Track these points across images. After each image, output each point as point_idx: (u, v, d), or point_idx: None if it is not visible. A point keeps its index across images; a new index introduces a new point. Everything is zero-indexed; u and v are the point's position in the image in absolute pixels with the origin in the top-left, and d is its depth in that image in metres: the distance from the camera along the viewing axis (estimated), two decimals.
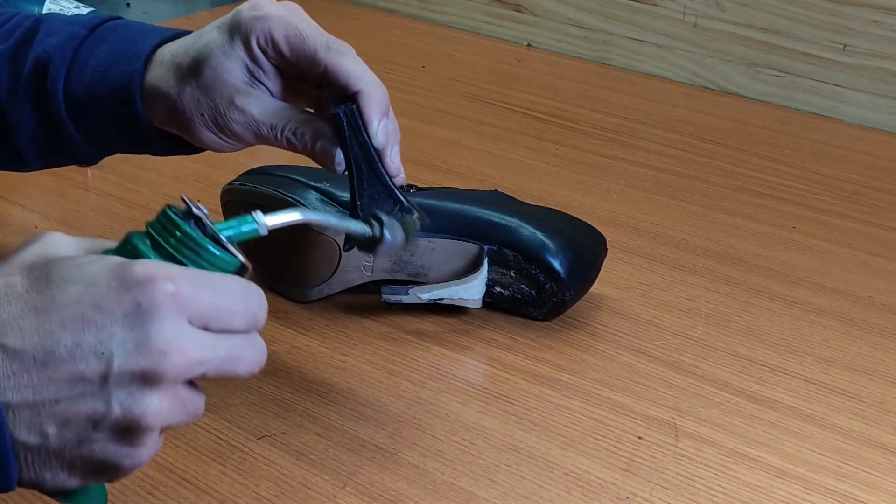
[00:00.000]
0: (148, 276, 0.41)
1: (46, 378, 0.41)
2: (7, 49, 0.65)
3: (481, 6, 1.49)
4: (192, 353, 0.42)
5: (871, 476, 0.65)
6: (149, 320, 0.41)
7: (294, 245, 0.78)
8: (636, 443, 0.67)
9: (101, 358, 0.41)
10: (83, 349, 0.41)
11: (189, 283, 0.42)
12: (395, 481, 0.62)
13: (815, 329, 0.81)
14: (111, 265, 0.42)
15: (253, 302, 0.45)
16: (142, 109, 0.63)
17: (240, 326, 0.45)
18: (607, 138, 1.16)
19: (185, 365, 0.42)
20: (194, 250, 0.45)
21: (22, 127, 0.66)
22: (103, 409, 0.42)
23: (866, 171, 1.12)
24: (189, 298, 0.42)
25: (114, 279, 0.41)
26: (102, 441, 0.42)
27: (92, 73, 0.63)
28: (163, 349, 0.41)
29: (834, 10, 1.23)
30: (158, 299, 0.41)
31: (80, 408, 0.41)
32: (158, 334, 0.41)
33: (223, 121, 0.61)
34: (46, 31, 0.65)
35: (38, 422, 0.41)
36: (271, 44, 0.60)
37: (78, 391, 0.41)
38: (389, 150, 0.62)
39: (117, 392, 0.41)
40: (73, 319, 0.41)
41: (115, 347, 0.41)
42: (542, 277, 0.76)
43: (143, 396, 0.42)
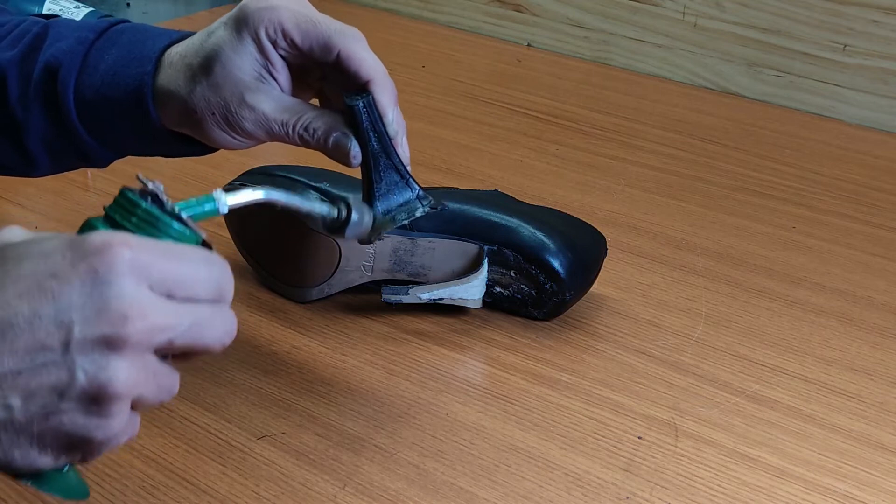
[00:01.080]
0: (104, 242, 0.41)
1: (7, 350, 0.40)
2: (17, 55, 0.65)
3: (481, 6, 1.49)
4: (154, 317, 0.42)
5: (871, 476, 0.65)
6: (107, 285, 0.41)
7: (294, 245, 0.78)
8: (636, 443, 0.67)
9: (60, 326, 0.40)
10: (42, 318, 0.40)
11: (148, 249, 0.42)
12: (395, 481, 0.62)
13: (815, 329, 0.81)
14: (66, 237, 0.42)
15: (217, 271, 0.45)
16: (154, 111, 0.62)
17: (205, 295, 0.44)
18: (607, 138, 1.16)
19: (148, 330, 0.41)
20: (155, 226, 0.44)
21: (33, 131, 0.65)
22: (67, 377, 0.41)
23: (866, 171, 1.12)
24: (148, 264, 0.42)
25: (69, 249, 0.41)
26: (70, 412, 0.42)
27: (102, 77, 0.63)
28: (123, 313, 0.41)
29: (834, 10, 1.23)
30: (116, 264, 0.41)
31: (43, 378, 0.41)
32: (118, 298, 0.41)
33: (234, 119, 0.60)
34: (55, 36, 0.65)
35: (1, 395, 0.41)
36: (281, 33, 0.60)
37: (40, 360, 0.41)
38: (399, 139, 0.62)
39: (81, 359, 0.41)
40: (30, 290, 0.40)
41: (75, 314, 0.40)
42: (542, 277, 0.76)
43: (108, 363, 0.41)
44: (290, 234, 0.78)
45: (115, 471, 0.61)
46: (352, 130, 0.60)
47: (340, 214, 0.57)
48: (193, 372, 0.71)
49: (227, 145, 0.63)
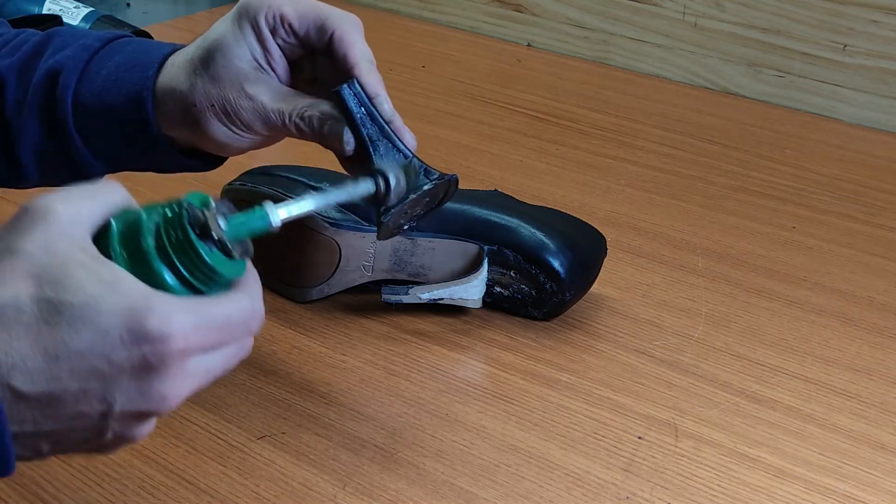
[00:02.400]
0: (162, 333, 0.42)
1: (50, 416, 0.42)
2: (16, 62, 0.65)
3: (481, 6, 1.49)
4: (190, 388, 0.44)
5: (871, 476, 0.65)
6: (155, 376, 0.42)
7: (294, 245, 0.78)
8: (636, 443, 0.67)
9: (103, 402, 0.42)
10: (88, 395, 0.42)
11: (198, 329, 0.43)
12: (395, 481, 0.62)
13: (815, 329, 0.81)
14: (125, 311, 0.41)
15: (253, 322, 0.46)
16: (152, 115, 0.63)
17: (237, 341, 0.46)
18: (607, 138, 1.16)
19: (182, 400, 0.44)
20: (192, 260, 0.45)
21: (26, 139, 0.65)
22: (97, 435, 0.44)
23: (866, 171, 1.12)
24: (196, 344, 0.43)
25: (127, 332, 0.41)
26: (88, 447, 0.45)
27: (103, 82, 0.63)
28: (164, 395, 0.43)
29: (834, 10, 1.23)
30: (168, 356, 0.42)
31: (76, 435, 0.43)
32: (162, 385, 0.43)
33: (233, 109, 0.61)
34: (59, 44, 0.66)
35: (34, 444, 0.43)
36: (280, 18, 0.61)
37: (77, 425, 0.43)
38: (399, 123, 0.61)
39: (114, 425, 0.43)
40: (83, 370, 0.41)
41: (118, 395, 0.42)
42: (542, 277, 0.76)
43: (136, 427, 0.44)
44: (290, 234, 0.78)
45: (115, 471, 0.61)
46: (344, 117, 0.60)
47: (380, 185, 0.57)
48: None
49: (226, 139, 0.63)
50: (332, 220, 0.76)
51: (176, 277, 0.44)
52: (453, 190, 0.64)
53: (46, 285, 0.41)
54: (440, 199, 0.64)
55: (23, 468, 0.61)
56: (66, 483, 0.60)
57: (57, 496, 0.59)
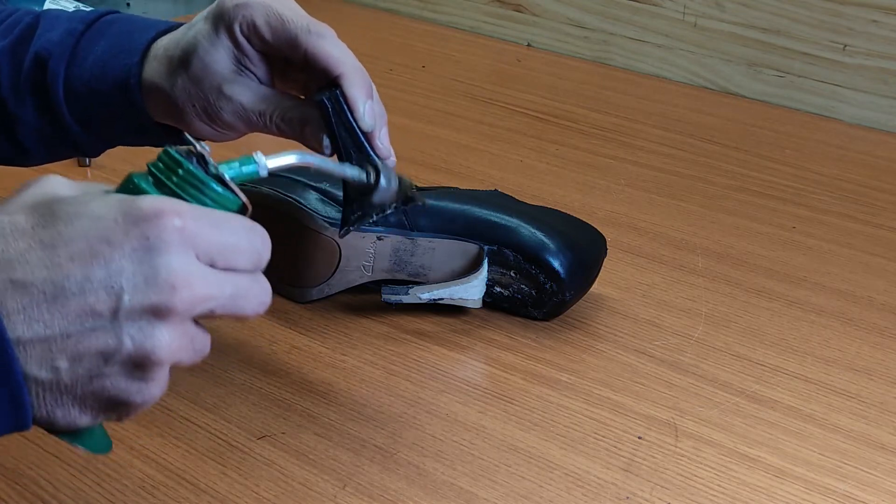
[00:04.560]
0: (156, 210, 0.41)
1: (57, 312, 0.41)
2: (7, 45, 0.66)
3: (481, 6, 1.49)
4: (200, 287, 0.42)
5: (871, 476, 0.65)
6: (157, 254, 0.41)
7: (294, 245, 0.78)
8: (636, 443, 0.67)
9: (111, 292, 0.41)
10: (93, 283, 0.41)
11: (196, 218, 0.42)
12: (395, 481, 0.62)
13: (815, 329, 0.81)
14: (118, 200, 0.42)
15: (257, 241, 0.46)
16: (141, 103, 0.63)
17: (245, 265, 0.45)
18: (607, 138, 1.16)
19: (194, 299, 0.42)
20: (198, 188, 0.45)
21: (25, 121, 0.66)
22: (115, 343, 0.42)
23: (866, 171, 1.12)
24: (196, 233, 0.42)
25: (121, 214, 0.41)
26: (114, 376, 0.43)
27: (91, 69, 0.64)
28: (172, 283, 0.41)
29: (834, 10, 1.23)
30: (166, 233, 0.41)
31: (91, 342, 0.42)
32: (168, 268, 0.41)
33: (213, 110, 0.61)
34: (46, 26, 0.66)
35: (49, 357, 0.41)
36: (253, 29, 0.60)
37: (89, 325, 0.41)
38: (378, 132, 0.61)
39: (128, 326, 0.42)
40: (82, 253, 0.41)
41: (125, 282, 0.41)
42: (542, 277, 0.76)
43: (153, 331, 0.42)
44: (290, 234, 0.78)
45: (116, 471, 0.61)
46: (323, 123, 0.60)
47: (370, 178, 0.58)
48: (193, 372, 0.71)
49: (211, 137, 0.64)
50: (332, 220, 0.76)
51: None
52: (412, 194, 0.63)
53: (41, 204, 0.42)
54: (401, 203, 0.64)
55: (22, 468, 0.61)
56: (66, 483, 0.60)
57: (57, 496, 0.59)
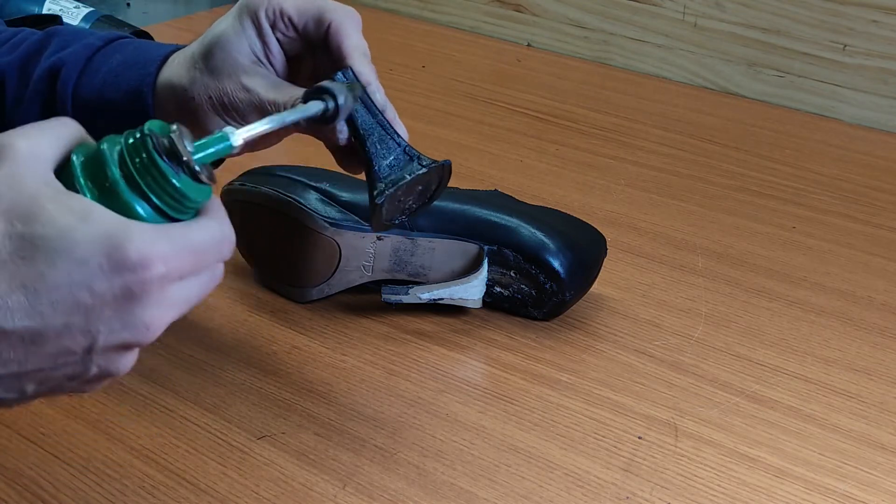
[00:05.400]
0: (142, 259, 0.41)
1: (33, 354, 0.42)
2: (16, 59, 0.66)
3: (481, 6, 1.49)
4: (171, 316, 0.44)
5: (871, 476, 0.65)
6: (138, 303, 0.42)
7: (294, 245, 0.78)
8: (636, 443, 0.67)
9: (87, 335, 0.42)
10: (71, 329, 0.42)
11: (176, 254, 0.43)
12: (395, 481, 0.62)
13: (815, 329, 0.81)
14: (101, 239, 0.41)
15: (225, 246, 0.46)
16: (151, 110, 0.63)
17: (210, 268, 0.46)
18: (607, 138, 1.16)
19: (163, 329, 0.44)
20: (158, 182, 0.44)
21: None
22: (81, 371, 0.43)
23: (866, 171, 1.12)
24: (175, 269, 0.43)
25: (105, 260, 0.41)
26: (73, 388, 0.45)
27: (104, 78, 0.64)
28: (147, 324, 0.42)
29: (834, 10, 1.23)
30: (149, 283, 0.42)
31: (60, 372, 0.43)
32: (144, 313, 0.42)
33: (230, 101, 0.62)
34: (61, 43, 0.66)
35: (18, 384, 0.43)
36: (280, 12, 0.61)
37: (61, 362, 0.42)
38: (392, 115, 0.62)
39: (98, 359, 0.43)
40: (64, 301, 0.41)
41: (102, 326, 0.42)
42: (542, 277, 0.76)
43: (119, 359, 0.44)
44: (290, 234, 0.78)
45: (115, 471, 0.61)
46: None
47: (328, 104, 0.56)
48: (193, 372, 0.71)
49: None
50: (332, 220, 0.76)
51: (146, 204, 0.44)
52: (447, 178, 0.64)
53: (17, 221, 0.41)
54: (434, 189, 0.64)
55: (22, 468, 0.61)
56: (66, 483, 0.60)
57: (57, 496, 0.59)
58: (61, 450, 0.63)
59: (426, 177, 0.61)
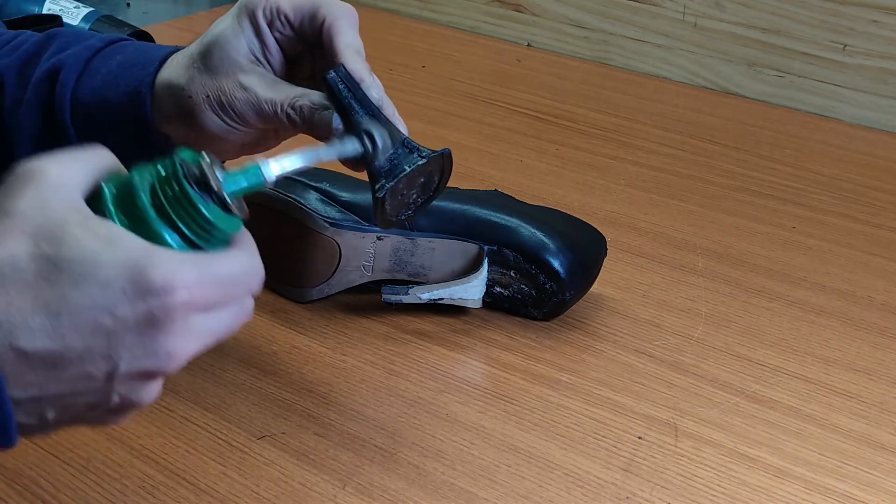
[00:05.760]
0: (165, 284, 0.41)
1: (54, 378, 0.41)
2: (15, 61, 0.66)
3: (481, 6, 1.49)
4: (196, 346, 0.43)
5: (871, 476, 0.65)
6: (161, 330, 0.42)
7: (294, 245, 0.78)
8: (636, 443, 0.67)
9: (108, 361, 0.42)
10: (93, 354, 0.41)
11: (201, 282, 0.42)
12: (395, 481, 0.62)
13: (815, 329, 0.81)
14: (126, 263, 0.41)
15: (254, 279, 0.46)
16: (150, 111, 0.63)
17: (238, 300, 0.45)
18: (607, 138, 1.16)
19: (187, 359, 0.43)
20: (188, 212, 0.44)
21: (23, 137, 0.66)
22: (102, 399, 0.43)
23: (866, 171, 1.12)
24: (200, 298, 0.42)
25: (129, 283, 0.41)
26: (94, 418, 0.44)
27: (103, 79, 0.64)
28: (169, 353, 0.42)
29: (834, 10, 1.23)
30: (172, 310, 0.41)
31: (81, 399, 0.43)
32: (167, 340, 0.42)
33: (227, 100, 0.62)
34: (61, 45, 0.66)
35: (39, 410, 0.42)
36: (276, 11, 0.62)
37: (82, 387, 0.42)
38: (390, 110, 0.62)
39: (119, 387, 0.43)
40: (86, 325, 0.41)
41: (124, 352, 0.42)
42: (542, 277, 0.76)
43: (142, 388, 0.43)
44: (290, 234, 0.78)
45: (115, 471, 0.61)
46: (333, 105, 0.60)
47: (365, 142, 0.57)
48: (193, 372, 0.71)
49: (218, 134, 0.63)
50: (332, 220, 0.76)
51: (175, 233, 0.44)
52: (449, 169, 0.64)
53: (43, 242, 0.41)
54: (437, 181, 0.64)
55: (22, 468, 0.61)
56: (66, 483, 0.60)
57: (57, 496, 0.59)
58: (61, 450, 0.63)
59: (427, 167, 0.61)
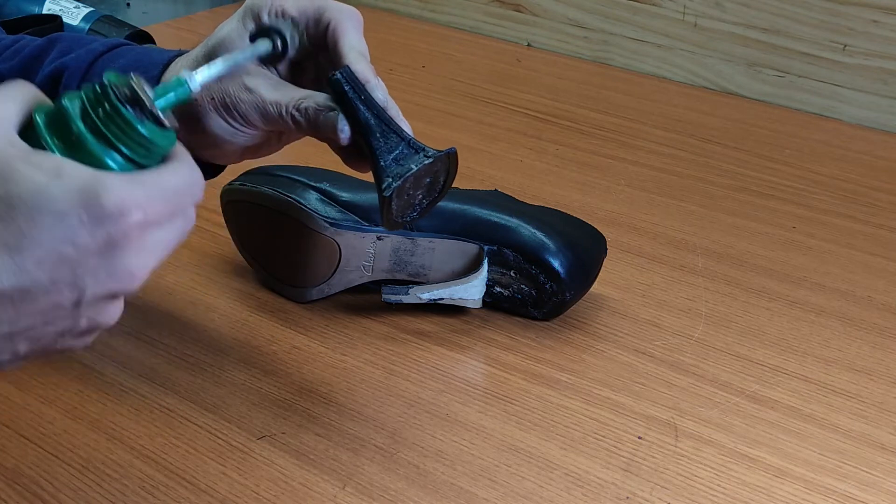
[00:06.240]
0: (119, 207, 0.42)
1: (23, 312, 0.42)
2: (17, 65, 0.66)
3: (481, 6, 1.49)
4: (153, 262, 0.44)
5: (871, 476, 0.65)
6: (120, 252, 0.42)
7: (294, 245, 0.78)
8: (636, 443, 0.67)
9: (74, 289, 0.42)
10: (59, 284, 0.42)
11: (151, 200, 0.43)
12: (395, 481, 0.62)
13: (815, 329, 0.81)
14: (78, 192, 0.41)
15: (196, 189, 0.47)
16: None
17: (184, 211, 0.46)
18: (607, 138, 1.16)
19: (147, 275, 0.44)
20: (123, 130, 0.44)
21: None
22: (71, 324, 0.44)
23: (866, 171, 1.12)
24: (152, 215, 0.43)
25: (84, 211, 0.41)
26: (64, 342, 0.45)
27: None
28: (131, 272, 0.43)
29: (834, 10, 1.23)
30: (129, 231, 0.42)
31: (50, 328, 0.44)
32: (129, 260, 0.43)
33: (232, 102, 0.62)
34: (62, 49, 0.66)
35: (10, 345, 0.43)
36: (281, 13, 0.62)
37: (51, 317, 0.43)
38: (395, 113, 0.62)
39: (86, 311, 0.44)
40: (49, 258, 0.41)
41: (88, 279, 0.42)
42: (542, 277, 0.76)
43: (106, 309, 0.45)
44: (290, 234, 0.78)
45: (115, 471, 0.61)
46: (339, 106, 0.60)
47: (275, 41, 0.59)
48: (193, 372, 0.71)
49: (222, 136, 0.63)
50: (332, 220, 0.76)
51: (115, 154, 0.44)
52: (454, 169, 0.64)
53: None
54: (443, 182, 0.64)
55: (22, 468, 0.61)
56: (66, 483, 0.60)
57: (57, 496, 0.59)
58: (61, 450, 0.63)
59: (433, 167, 0.61)
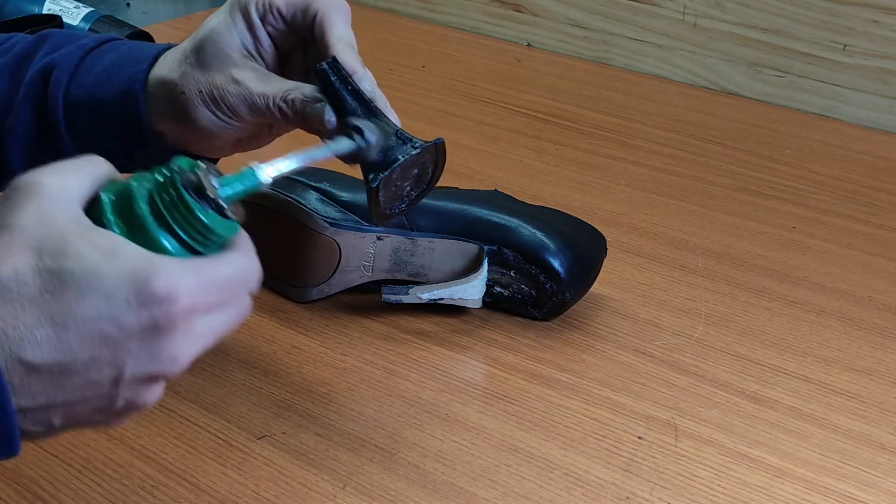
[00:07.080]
0: (168, 293, 0.42)
1: (61, 387, 0.42)
2: (8, 62, 0.66)
3: (481, 6, 1.49)
4: (198, 348, 0.44)
5: (871, 476, 0.65)
6: (164, 336, 0.42)
7: (294, 245, 0.78)
8: (636, 443, 0.67)
9: (114, 368, 0.42)
10: (98, 362, 0.42)
11: (202, 288, 0.43)
12: (395, 481, 0.62)
13: (815, 329, 0.81)
14: (129, 274, 0.42)
15: (252, 280, 0.47)
16: (143, 108, 0.63)
17: (238, 300, 0.46)
18: (607, 138, 1.16)
19: (190, 361, 0.44)
20: (185, 218, 0.45)
21: (15, 138, 0.66)
22: (108, 403, 0.44)
23: (866, 171, 1.12)
24: (201, 302, 0.43)
25: (133, 294, 0.42)
26: (100, 419, 0.45)
27: (96, 78, 0.64)
28: (173, 357, 0.43)
29: (834, 10, 1.23)
30: (175, 317, 0.42)
31: (87, 405, 0.43)
32: (171, 346, 0.43)
33: (220, 94, 0.62)
34: (54, 45, 0.66)
35: (46, 418, 0.43)
36: (269, 4, 0.62)
37: (88, 394, 0.43)
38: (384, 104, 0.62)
39: (125, 391, 0.43)
40: (92, 336, 0.42)
41: (129, 359, 0.42)
42: (542, 277, 0.76)
43: (146, 391, 0.44)
44: (290, 234, 0.78)
45: (115, 471, 0.61)
46: (326, 97, 0.60)
47: (356, 139, 0.58)
48: (193, 372, 0.71)
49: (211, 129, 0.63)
50: (332, 220, 0.76)
51: (173, 240, 0.45)
52: (442, 160, 0.64)
53: (46, 256, 0.42)
54: (431, 173, 0.64)
55: (22, 468, 0.61)
56: (66, 483, 0.60)
57: (57, 496, 0.59)
58: (61, 450, 0.63)
59: (420, 157, 0.61)
